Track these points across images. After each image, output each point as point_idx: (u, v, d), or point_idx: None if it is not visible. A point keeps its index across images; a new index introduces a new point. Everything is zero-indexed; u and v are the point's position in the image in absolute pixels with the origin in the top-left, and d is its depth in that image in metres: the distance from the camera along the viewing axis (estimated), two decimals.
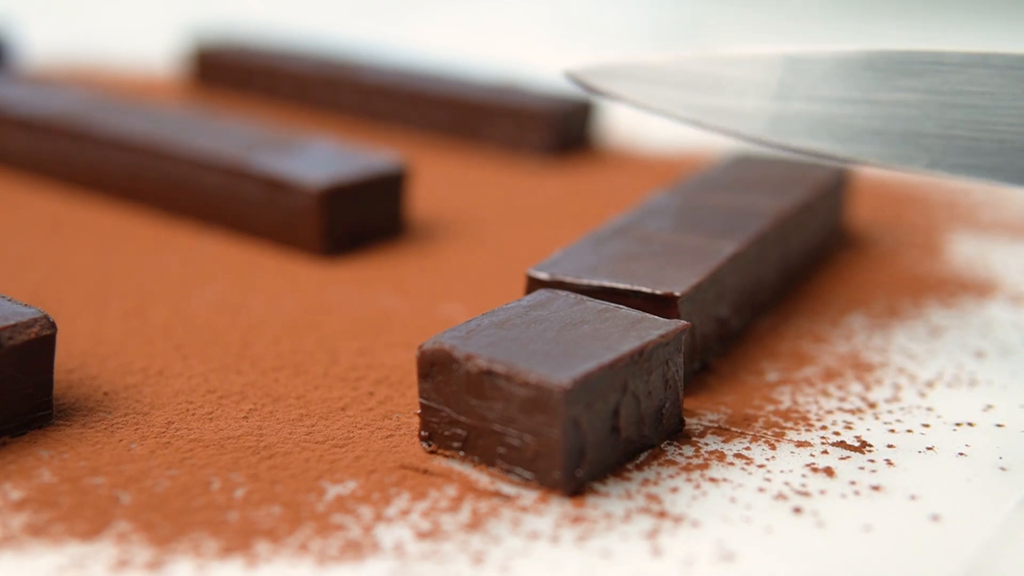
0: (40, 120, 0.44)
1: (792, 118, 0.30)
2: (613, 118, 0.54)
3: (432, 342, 0.25)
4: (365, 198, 0.38)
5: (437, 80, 0.52)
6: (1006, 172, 0.28)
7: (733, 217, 0.33)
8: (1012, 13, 0.88)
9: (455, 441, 0.25)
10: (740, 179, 0.37)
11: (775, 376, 0.30)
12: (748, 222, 0.33)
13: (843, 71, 0.29)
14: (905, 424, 0.28)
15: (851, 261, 0.38)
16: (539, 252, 0.36)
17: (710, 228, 0.32)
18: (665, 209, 0.34)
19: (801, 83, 0.30)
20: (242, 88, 0.58)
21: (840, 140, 0.30)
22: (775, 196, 0.35)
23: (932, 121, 0.29)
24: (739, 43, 0.81)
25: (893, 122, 0.29)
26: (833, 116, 0.30)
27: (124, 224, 0.40)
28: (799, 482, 0.25)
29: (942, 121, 0.29)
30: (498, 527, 0.23)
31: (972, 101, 0.28)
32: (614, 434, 0.25)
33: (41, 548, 0.22)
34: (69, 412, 0.27)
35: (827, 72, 0.30)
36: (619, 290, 0.29)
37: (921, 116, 0.29)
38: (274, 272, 0.36)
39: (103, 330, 0.31)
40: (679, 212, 0.34)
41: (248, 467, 0.25)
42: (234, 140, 0.40)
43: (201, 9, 0.77)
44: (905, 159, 0.29)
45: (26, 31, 0.65)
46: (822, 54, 0.30)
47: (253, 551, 0.22)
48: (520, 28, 0.85)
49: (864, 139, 0.29)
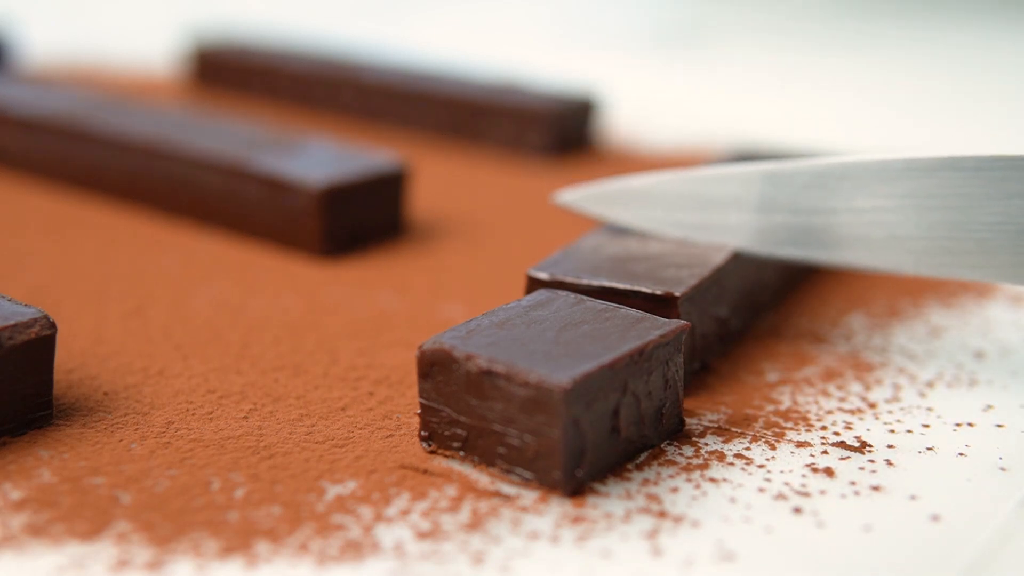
0: (40, 120, 0.44)
1: (776, 229, 0.31)
2: (613, 118, 0.54)
3: (432, 342, 0.25)
4: (365, 198, 0.38)
5: (437, 80, 0.52)
6: (988, 270, 0.29)
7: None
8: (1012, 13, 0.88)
9: (455, 441, 0.25)
10: None
11: (775, 376, 0.30)
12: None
13: (820, 182, 0.30)
14: (905, 424, 0.28)
15: None
16: (539, 252, 0.36)
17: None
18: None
19: (781, 196, 0.31)
20: (242, 88, 0.58)
21: (825, 247, 0.31)
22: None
23: (912, 225, 0.29)
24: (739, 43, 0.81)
25: (875, 228, 0.30)
26: (816, 226, 0.30)
27: (124, 224, 0.40)
28: (799, 482, 0.25)
29: (921, 224, 0.29)
30: (498, 527, 0.23)
31: (948, 203, 0.29)
32: (614, 434, 0.25)
33: (41, 548, 0.22)
34: (69, 412, 0.27)
35: (806, 184, 0.30)
36: (619, 290, 0.29)
37: (901, 221, 0.30)
38: (274, 272, 0.36)
39: (103, 330, 0.31)
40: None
41: (248, 467, 0.25)
42: (234, 140, 0.40)
43: (201, 9, 0.77)
44: (891, 263, 0.30)
45: (26, 31, 0.65)
46: (799, 167, 0.30)
47: (253, 551, 0.22)
48: (520, 28, 0.84)
49: (848, 245, 0.30)
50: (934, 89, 0.67)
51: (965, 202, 0.29)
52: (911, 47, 0.79)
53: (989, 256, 0.29)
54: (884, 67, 0.72)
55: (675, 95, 0.62)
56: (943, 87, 0.67)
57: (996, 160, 0.28)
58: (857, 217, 0.30)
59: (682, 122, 0.55)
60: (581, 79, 0.55)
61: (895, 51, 0.78)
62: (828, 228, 0.30)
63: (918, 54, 0.77)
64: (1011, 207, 0.28)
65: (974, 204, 0.29)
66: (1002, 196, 0.28)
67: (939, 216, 0.29)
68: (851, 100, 0.64)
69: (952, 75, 0.70)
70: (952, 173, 0.29)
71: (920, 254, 0.30)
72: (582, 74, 0.58)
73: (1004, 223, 0.29)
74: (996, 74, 0.71)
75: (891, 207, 0.30)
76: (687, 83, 0.67)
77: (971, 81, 0.69)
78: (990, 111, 0.62)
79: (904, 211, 0.29)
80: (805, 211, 0.30)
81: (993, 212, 0.29)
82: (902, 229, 0.30)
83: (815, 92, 0.65)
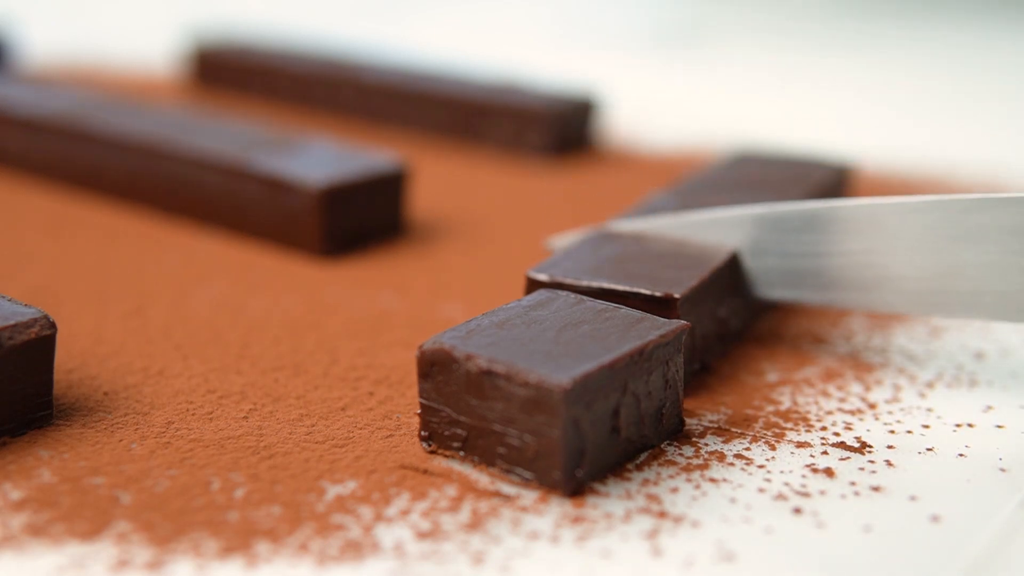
0: (40, 120, 0.44)
1: (769, 272, 0.31)
2: (613, 118, 0.54)
3: (432, 342, 0.25)
4: (365, 198, 0.38)
5: (437, 80, 0.52)
6: (980, 309, 0.29)
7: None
8: (1012, 13, 0.89)
9: (455, 441, 0.25)
10: (740, 178, 0.37)
11: (775, 376, 0.30)
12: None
13: (810, 226, 0.30)
14: (905, 425, 0.28)
15: None
16: (539, 252, 0.36)
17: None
18: (665, 209, 0.34)
19: (771, 240, 0.31)
20: (242, 88, 0.58)
21: (818, 289, 0.31)
22: (776, 196, 0.35)
23: (903, 266, 0.30)
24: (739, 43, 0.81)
25: (866, 270, 0.30)
26: (808, 269, 0.31)
27: (124, 224, 0.40)
28: (799, 482, 0.25)
29: (912, 265, 0.30)
30: (498, 527, 0.23)
31: (939, 244, 0.29)
32: (614, 434, 0.25)
33: (41, 548, 0.22)
34: (69, 412, 0.27)
35: (796, 228, 0.31)
36: (619, 292, 0.29)
37: (892, 262, 0.30)
38: (274, 272, 0.36)
39: (103, 330, 0.31)
40: (679, 212, 0.34)
41: (248, 467, 0.25)
42: (234, 140, 0.40)
43: (201, 9, 0.77)
44: (884, 304, 0.30)
45: (26, 31, 0.65)
46: (789, 211, 0.31)
47: (253, 551, 0.22)
48: (520, 28, 0.85)
49: (841, 287, 0.31)
50: (934, 89, 0.67)
51: (955, 243, 0.29)
52: (911, 47, 0.79)
53: (980, 296, 0.29)
54: (884, 67, 0.72)
55: (675, 95, 0.62)
56: (943, 87, 0.67)
57: (985, 201, 0.29)
58: (848, 259, 0.30)
59: (682, 122, 0.55)
60: (581, 79, 0.55)
61: (895, 51, 0.78)
62: (819, 270, 0.31)
63: (918, 54, 0.77)
64: (1001, 247, 0.29)
65: (964, 244, 0.29)
66: (992, 236, 0.29)
67: (930, 257, 0.29)
68: (851, 100, 0.64)
69: (952, 75, 0.70)
70: (941, 214, 0.29)
71: (911, 294, 0.30)
72: (582, 74, 0.58)
73: (994, 263, 0.29)
74: (996, 74, 0.71)
75: (882, 249, 0.30)
76: (687, 83, 0.67)
77: (971, 81, 0.69)
78: (990, 111, 0.62)
79: (895, 253, 0.30)
80: (795, 255, 0.31)
81: (983, 252, 0.29)
82: (893, 270, 0.30)
83: (815, 92, 0.65)
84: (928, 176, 0.48)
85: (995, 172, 0.48)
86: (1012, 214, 0.28)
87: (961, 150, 0.52)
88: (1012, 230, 0.28)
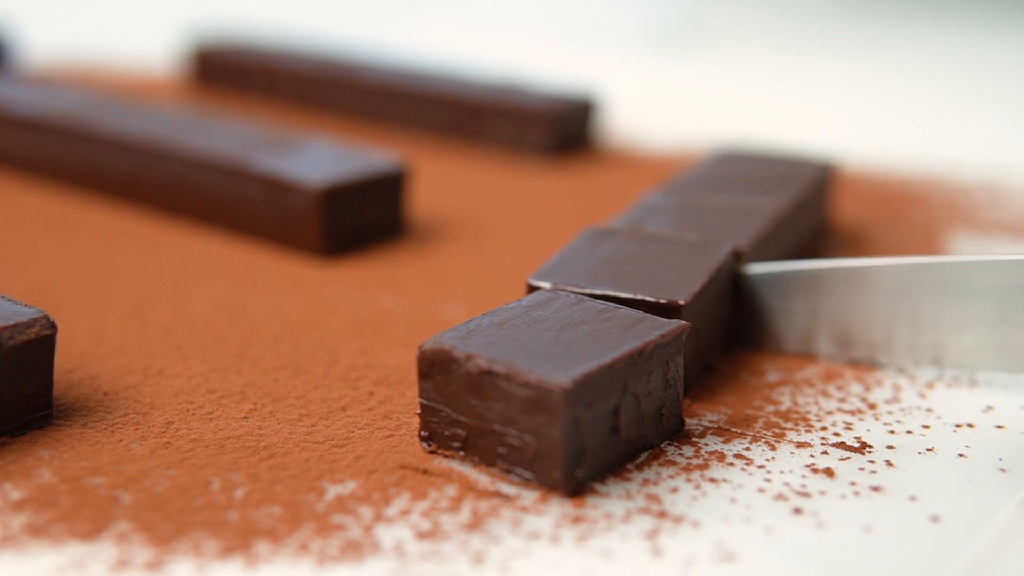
0: (40, 120, 0.44)
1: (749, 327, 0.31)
2: (613, 118, 0.54)
3: (432, 342, 0.25)
4: (365, 198, 0.38)
5: (437, 80, 0.52)
6: (981, 359, 0.30)
7: (729, 217, 0.33)
8: (1012, 13, 0.89)
9: (455, 441, 0.25)
10: (730, 177, 0.37)
11: (775, 376, 0.30)
12: (745, 221, 0.33)
13: (807, 286, 0.31)
14: (905, 425, 0.28)
15: None
16: (539, 252, 0.36)
17: (707, 228, 0.32)
18: (660, 209, 0.34)
19: (754, 294, 0.31)
20: (242, 88, 0.58)
21: (804, 343, 0.31)
22: (769, 194, 0.35)
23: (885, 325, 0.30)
24: (738, 43, 0.81)
25: (856, 328, 0.31)
26: (791, 325, 0.31)
27: (124, 224, 0.40)
28: (799, 483, 0.25)
29: (910, 323, 0.30)
30: (498, 527, 0.23)
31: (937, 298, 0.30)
32: (614, 434, 0.25)
33: (41, 548, 0.22)
34: (69, 412, 0.27)
35: (782, 285, 0.31)
36: (622, 299, 0.28)
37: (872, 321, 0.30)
38: (274, 272, 0.36)
39: (103, 330, 0.31)
40: (674, 212, 0.34)
41: (248, 467, 0.25)
42: (234, 140, 0.40)
43: (201, 9, 0.77)
44: (881, 358, 0.31)
45: (26, 31, 0.65)
46: (784, 270, 0.31)
47: (253, 551, 0.22)
48: (520, 28, 0.84)
49: (826, 341, 0.31)
50: (934, 89, 0.67)
51: (954, 297, 0.29)
52: (911, 47, 0.79)
53: (980, 350, 0.30)
54: (884, 67, 0.72)
55: (675, 95, 0.62)
56: (943, 87, 0.67)
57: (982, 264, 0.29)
58: (832, 317, 0.30)
59: (682, 122, 0.55)
60: (581, 79, 0.55)
61: (894, 51, 0.78)
62: (800, 328, 0.31)
63: (918, 54, 0.77)
64: (997, 301, 0.29)
65: (962, 299, 0.29)
66: (989, 292, 0.29)
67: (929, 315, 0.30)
68: (851, 100, 0.64)
69: (952, 75, 0.70)
70: (937, 273, 0.29)
71: (902, 355, 0.30)
72: (582, 74, 0.58)
73: (990, 320, 0.29)
74: (996, 74, 0.71)
75: (863, 307, 0.30)
76: (687, 83, 0.67)
77: (971, 81, 0.69)
78: (990, 111, 0.62)
79: (877, 311, 0.30)
80: (779, 311, 0.31)
81: (980, 308, 0.29)
82: (889, 328, 0.30)
83: (815, 92, 0.65)
84: (928, 176, 0.48)
85: (995, 172, 0.48)
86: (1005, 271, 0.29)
87: (961, 150, 0.52)
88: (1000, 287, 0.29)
